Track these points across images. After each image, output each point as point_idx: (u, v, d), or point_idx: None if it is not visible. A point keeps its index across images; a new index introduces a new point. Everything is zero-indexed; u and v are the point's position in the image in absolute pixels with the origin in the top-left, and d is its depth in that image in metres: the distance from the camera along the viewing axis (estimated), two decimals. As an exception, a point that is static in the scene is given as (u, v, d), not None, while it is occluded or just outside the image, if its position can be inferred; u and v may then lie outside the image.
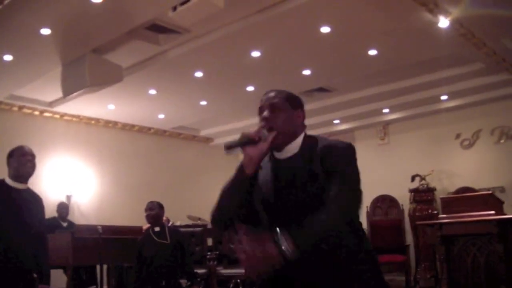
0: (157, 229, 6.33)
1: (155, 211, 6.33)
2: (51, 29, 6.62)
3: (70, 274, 6.95)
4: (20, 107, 9.77)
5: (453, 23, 6.65)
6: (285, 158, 2.43)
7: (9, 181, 4.33)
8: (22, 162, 4.33)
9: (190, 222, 9.87)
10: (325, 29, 6.90)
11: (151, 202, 6.42)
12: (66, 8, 6.10)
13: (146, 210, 6.36)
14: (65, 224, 8.85)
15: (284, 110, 2.44)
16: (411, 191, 10.06)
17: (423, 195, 9.99)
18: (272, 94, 2.53)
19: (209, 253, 7.55)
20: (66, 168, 10.31)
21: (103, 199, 10.75)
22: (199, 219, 10.05)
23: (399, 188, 10.23)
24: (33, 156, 4.42)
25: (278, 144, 2.40)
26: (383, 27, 6.88)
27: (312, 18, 6.68)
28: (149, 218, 6.34)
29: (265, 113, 2.47)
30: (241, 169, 2.44)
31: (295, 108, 2.48)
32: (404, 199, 10.14)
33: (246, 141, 2.39)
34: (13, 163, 4.33)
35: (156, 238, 6.26)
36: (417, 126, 10.77)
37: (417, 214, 9.78)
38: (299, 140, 2.43)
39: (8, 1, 5.72)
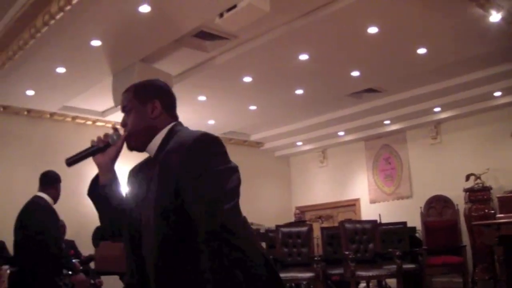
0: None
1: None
2: (101, 40, 6.76)
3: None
4: (73, 118, 10.00)
5: (505, 17, 6.51)
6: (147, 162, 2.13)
7: (50, 201, 4.69)
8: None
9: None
10: (373, 29, 6.85)
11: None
12: (115, 19, 6.23)
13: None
14: None
15: (134, 108, 2.10)
16: (466, 190, 9.86)
17: (478, 194, 9.77)
18: (123, 95, 2.17)
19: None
20: (120, 175, 10.46)
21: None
22: (252, 223, 10.07)
23: (453, 188, 10.05)
24: None
25: (134, 147, 2.12)
26: (432, 24, 6.78)
27: (358, 19, 6.64)
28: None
29: (122, 117, 2.15)
30: (95, 179, 2.15)
31: (145, 102, 2.09)
32: (459, 199, 9.95)
33: (92, 150, 2.11)
34: (58, 189, 4.76)
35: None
36: (470, 124, 10.55)
37: (473, 214, 9.57)
38: (158, 138, 2.07)
39: (59, 16, 5.87)
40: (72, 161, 2.11)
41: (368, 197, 12.17)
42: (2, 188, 8.59)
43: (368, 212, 11.69)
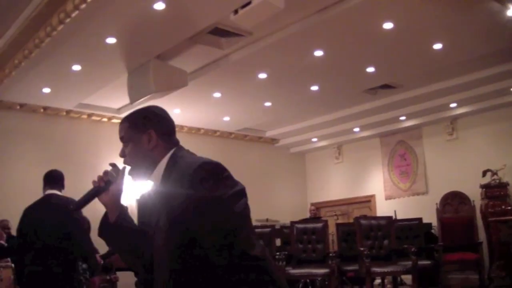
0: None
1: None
2: (117, 38, 6.80)
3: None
4: (89, 115, 10.07)
5: (523, 11, 6.45)
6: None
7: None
8: None
9: (258, 223, 9.93)
10: (388, 25, 6.82)
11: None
12: (130, 17, 6.26)
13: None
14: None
15: (131, 139, 2.05)
16: (482, 186, 9.79)
17: (495, 190, 9.70)
18: (119, 125, 2.11)
19: (277, 253, 7.57)
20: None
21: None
22: (267, 219, 10.10)
23: (469, 184, 9.98)
24: None
25: (137, 179, 2.08)
26: (448, 19, 6.74)
27: (374, 15, 6.61)
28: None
29: (121, 148, 2.10)
30: (105, 217, 2.14)
31: (142, 132, 2.03)
32: (475, 195, 9.89)
33: (94, 192, 2.08)
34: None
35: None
36: (487, 120, 10.47)
37: (489, 210, 9.50)
38: (160, 168, 2.01)
39: (75, 14, 5.90)
40: (78, 206, 2.11)
41: (383, 193, 12.12)
42: (18, 185, 8.67)
43: (384, 208, 11.66)
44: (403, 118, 11.21)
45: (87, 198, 2.08)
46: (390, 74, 8.90)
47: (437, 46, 7.55)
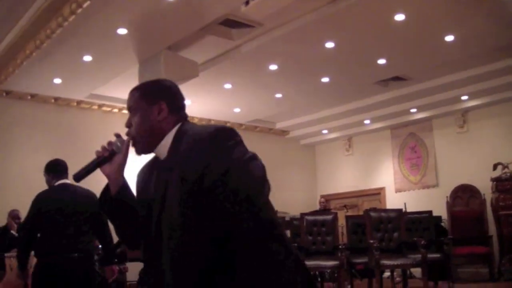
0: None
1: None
2: (127, 29, 6.81)
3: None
4: (100, 106, 10.11)
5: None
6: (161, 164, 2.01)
7: None
8: None
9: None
10: (400, 17, 6.78)
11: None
12: (141, 7, 6.27)
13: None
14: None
15: (139, 109, 2.00)
16: (493, 180, 9.74)
17: (506, 184, 9.65)
18: (129, 94, 2.07)
19: (287, 245, 7.56)
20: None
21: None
22: (277, 211, 10.08)
23: (480, 177, 9.94)
24: None
25: (141, 151, 2.02)
26: (460, 11, 6.70)
27: (385, 6, 6.58)
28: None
29: (128, 118, 2.05)
30: (106, 189, 2.05)
31: (152, 103, 1.98)
32: (485, 188, 9.85)
33: (97, 162, 2.03)
34: None
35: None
36: (498, 112, 10.42)
37: (500, 203, 9.46)
38: (167, 140, 1.96)
39: (86, 4, 5.92)
40: (80, 176, 2.03)
41: (393, 186, 12.10)
42: (28, 175, 8.70)
43: (394, 201, 11.63)
44: (414, 110, 11.17)
45: (90, 168, 2.02)
46: (401, 66, 8.87)
47: (449, 38, 7.51)
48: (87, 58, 7.71)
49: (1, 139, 8.98)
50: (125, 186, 2.02)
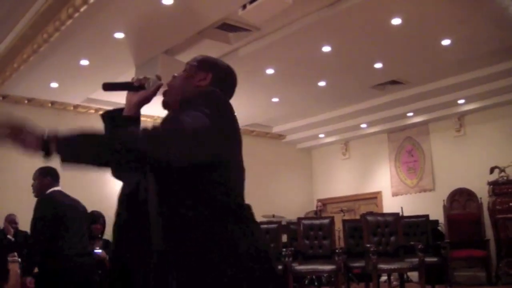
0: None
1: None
2: (125, 33, 6.81)
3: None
4: (97, 110, 10.08)
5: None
6: None
7: None
8: None
9: (264, 219, 9.93)
10: (396, 21, 6.79)
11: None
12: (138, 12, 6.27)
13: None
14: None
15: (189, 69, 2.15)
16: (490, 183, 9.75)
17: (503, 187, 9.65)
18: (192, 58, 2.23)
19: (284, 249, 7.57)
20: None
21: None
22: (273, 215, 10.09)
23: (477, 181, 9.95)
24: None
25: (167, 102, 2.12)
26: (456, 15, 6.71)
27: (382, 10, 6.59)
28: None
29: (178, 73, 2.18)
30: (120, 110, 2.19)
31: (201, 70, 2.13)
32: (482, 192, 9.85)
33: (126, 85, 2.17)
34: None
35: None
36: (495, 116, 10.43)
37: (497, 207, 9.46)
38: None
39: (83, 8, 5.92)
40: (107, 87, 2.14)
41: (390, 189, 12.10)
42: (24, 181, 8.64)
43: (390, 205, 11.63)
44: (410, 114, 11.18)
45: (117, 85, 2.21)
46: (398, 70, 8.88)
47: (446, 42, 7.53)
48: (84, 62, 7.71)
49: (-3, 143, 8.94)
50: (135, 119, 2.11)
